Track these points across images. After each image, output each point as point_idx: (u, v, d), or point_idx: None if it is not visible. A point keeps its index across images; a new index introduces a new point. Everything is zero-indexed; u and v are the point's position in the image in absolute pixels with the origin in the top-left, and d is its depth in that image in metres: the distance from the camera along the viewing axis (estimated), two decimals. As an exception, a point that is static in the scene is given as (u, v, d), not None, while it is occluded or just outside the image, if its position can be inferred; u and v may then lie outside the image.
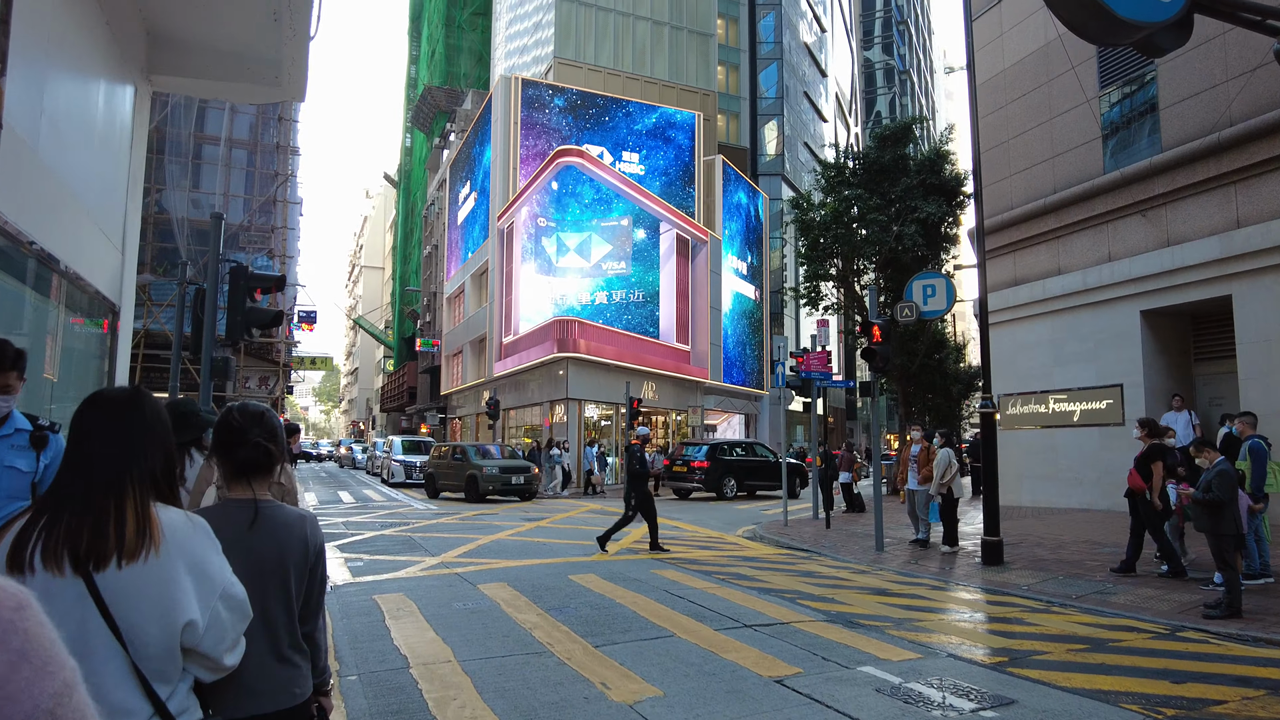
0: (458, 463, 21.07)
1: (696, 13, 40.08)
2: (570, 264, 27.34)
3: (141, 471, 1.49)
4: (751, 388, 38.39)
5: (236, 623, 1.54)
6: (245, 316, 8.05)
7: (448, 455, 21.94)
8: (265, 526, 1.82)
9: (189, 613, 1.42)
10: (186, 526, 1.52)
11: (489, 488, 20.02)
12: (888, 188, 21.53)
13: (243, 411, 1.94)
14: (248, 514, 1.82)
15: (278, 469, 1.98)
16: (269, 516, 1.84)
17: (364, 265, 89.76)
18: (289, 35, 7.30)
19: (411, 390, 53.44)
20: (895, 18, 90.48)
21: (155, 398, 1.63)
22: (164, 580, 1.42)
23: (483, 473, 19.94)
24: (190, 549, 1.48)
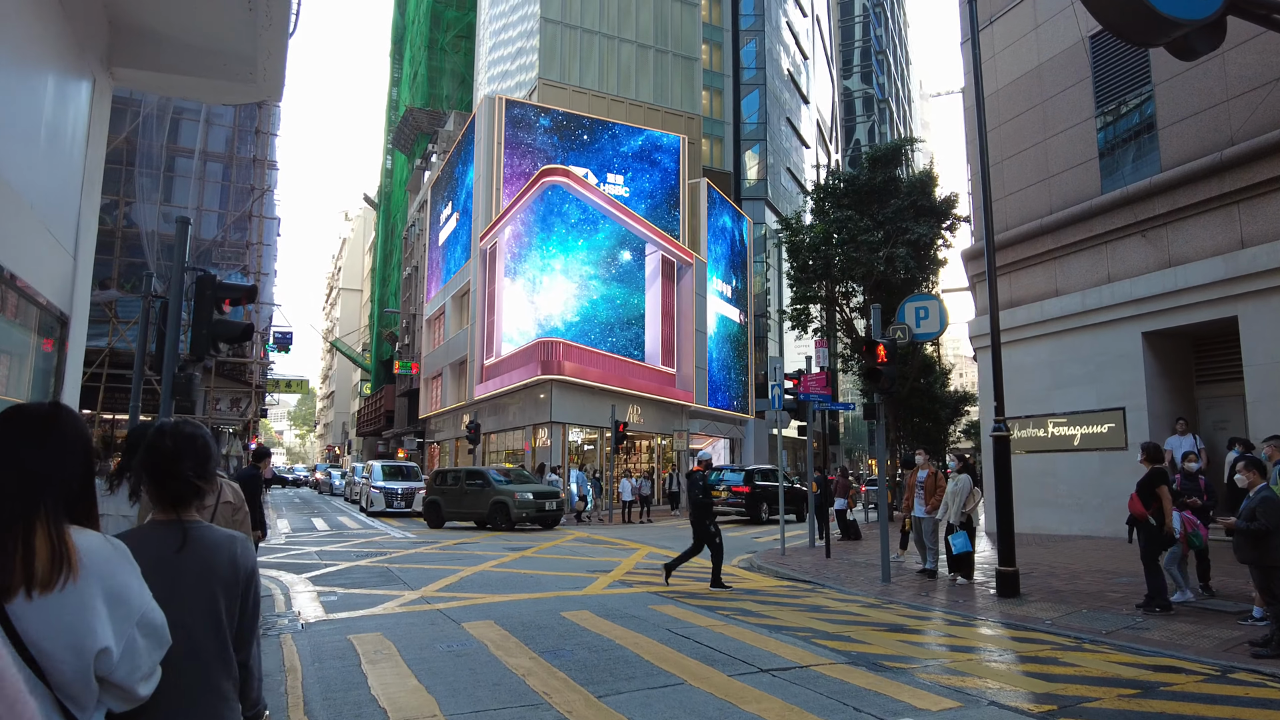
0: (476, 489, 19.76)
1: (681, 37, 40.13)
2: (555, 285, 26.83)
3: (57, 496, 1.44)
4: (737, 411, 37.92)
5: (152, 650, 1.49)
6: (212, 330, 7.43)
7: (458, 480, 20.48)
8: (193, 549, 1.76)
9: (103, 640, 1.38)
10: (105, 550, 1.47)
11: (522, 514, 18.95)
12: (877, 209, 21.31)
13: (175, 436, 1.83)
14: (176, 537, 1.75)
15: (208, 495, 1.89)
16: (197, 539, 1.78)
17: (342, 288, 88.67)
18: (265, 24, 6.75)
19: (389, 414, 52.42)
20: (874, 47, 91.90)
21: (75, 413, 1.58)
22: (79, 608, 1.38)
23: (515, 499, 18.88)
24: (108, 574, 1.44)
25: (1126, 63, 14.72)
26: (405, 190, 58.73)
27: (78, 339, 6.62)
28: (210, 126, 20.74)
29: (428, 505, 20.71)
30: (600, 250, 27.94)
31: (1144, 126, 14.41)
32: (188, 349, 7.47)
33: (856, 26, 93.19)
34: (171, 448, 1.80)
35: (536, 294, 26.90)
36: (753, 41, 48.24)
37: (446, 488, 20.63)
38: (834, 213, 20.95)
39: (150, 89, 8.21)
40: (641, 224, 29.55)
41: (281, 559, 12.78)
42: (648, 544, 15.96)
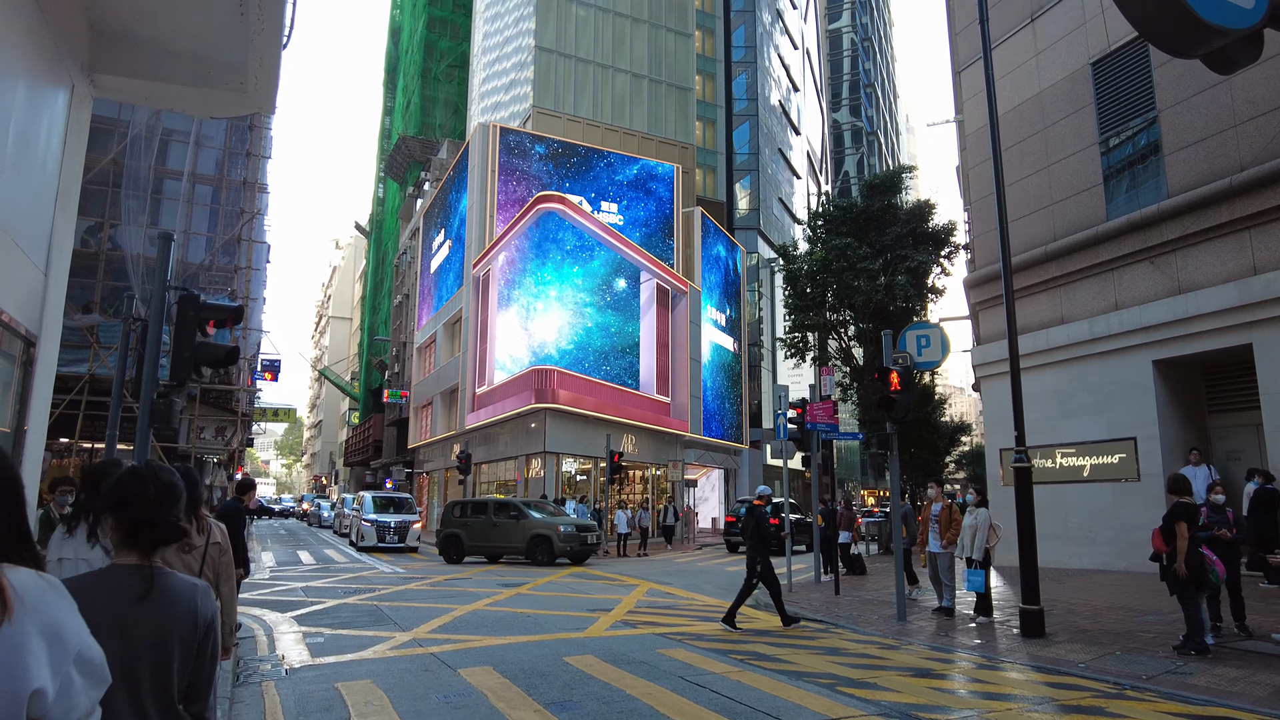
0: (510, 521, 18.83)
1: (675, 67, 40.33)
2: (549, 312, 26.46)
3: None
4: (731, 441, 37.45)
5: (90, 689, 1.41)
6: (194, 353, 6.97)
7: (485, 512, 19.40)
8: (154, 597, 1.69)
9: (38, 679, 1.30)
10: (40, 587, 1.39)
11: (566, 548, 18.22)
12: (875, 237, 21.13)
13: (155, 478, 1.78)
14: (139, 584, 1.69)
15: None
16: (159, 586, 1.71)
17: (332, 316, 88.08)
18: (257, 29, 6.38)
19: (377, 444, 51.64)
20: (863, 81, 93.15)
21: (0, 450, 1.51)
22: (14, 647, 1.29)
23: (558, 533, 18.13)
24: (44, 611, 1.36)
25: (1130, 89, 14.62)
26: (397, 218, 58.54)
27: (47, 361, 6.13)
28: (200, 149, 20.36)
29: (446, 539, 19.50)
30: (596, 277, 27.64)
31: (1149, 152, 14.26)
32: (168, 373, 7.00)
33: (845, 60, 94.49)
34: (153, 495, 1.75)
35: (531, 321, 26.51)
36: (744, 73, 48.60)
37: (471, 520, 19.45)
38: (832, 240, 20.74)
39: (135, 99, 7.74)
40: (637, 251, 29.32)
41: (265, 596, 12.18)
42: (647, 580, 15.41)
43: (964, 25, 19.31)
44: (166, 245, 7.03)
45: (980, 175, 18.32)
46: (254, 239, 21.22)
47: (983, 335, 18.23)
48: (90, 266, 17.73)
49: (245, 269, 20.87)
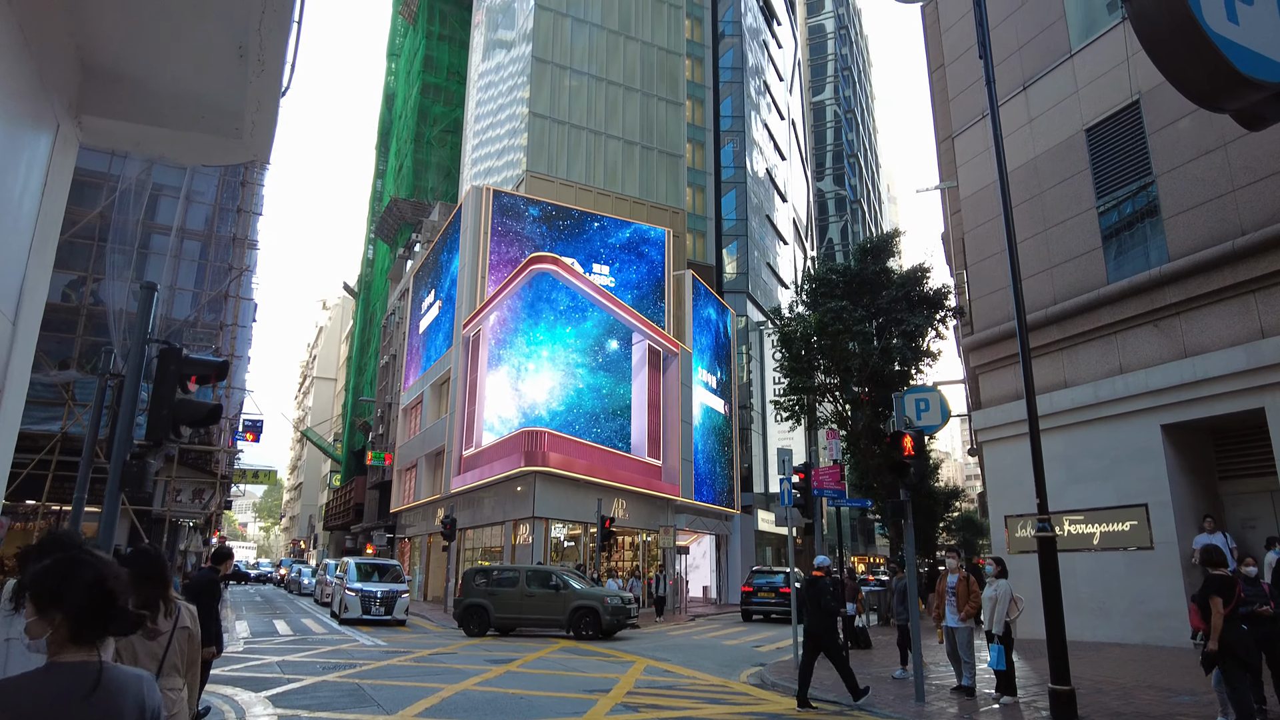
0: (548, 592, 17.82)
1: (666, 135, 41.03)
2: (540, 372, 26.07)
3: None
4: (723, 506, 36.72)
5: None
6: (174, 410, 6.49)
7: (515, 582, 18.21)
8: (100, 693, 1.59)
9: None
10: None
11: (614, 622, 17.39)
12: (869, 300, 21.05)
13: (97, 565, 1.66)
14: (85, 680, 1.59)
15: None
16: (106, 681, 1.61)
17: (317, 376, 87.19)
18: (256, 70, 6.11)
19: (358, 507, 50.38)
20: (846, 151, 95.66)
21: None
22: None
23: (605, 604, 17.26)
24: None
25: (1125, 155, 14.75)
26: (386, 279, 58.49)
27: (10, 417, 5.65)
28: (190, 204, 20.12)
29: (468, 610, 18.13)
30: (588, 338, 27.38)
31: (1148, 216, 14.28)
32: (145, 432, 6.51)
33: (829, 131, 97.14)
34: (114, 586, 1.68)
35: (521, 381, 26.09)
36: (732, 142, 49.57)
37: (499, 590, 18.18)
38: (827, 303, 20.64)
39: (124, 144, 7.41)
40: (629, 313, 29.17)
41: (237, 671, 11.36)
42: (643, 655, 14.63)
43: (958, 91, 19.64)
44: (150, 296, 6.63)
45: (978, 238, 18.34)
46: (241, 295, 20.81)
47: (984, 399, 17.97)
48: (70, 321, 17.24)
49: (231, 326, 20.39)
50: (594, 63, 39.04)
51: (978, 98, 18.75)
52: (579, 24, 39.00)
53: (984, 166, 18.29)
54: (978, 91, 18.79)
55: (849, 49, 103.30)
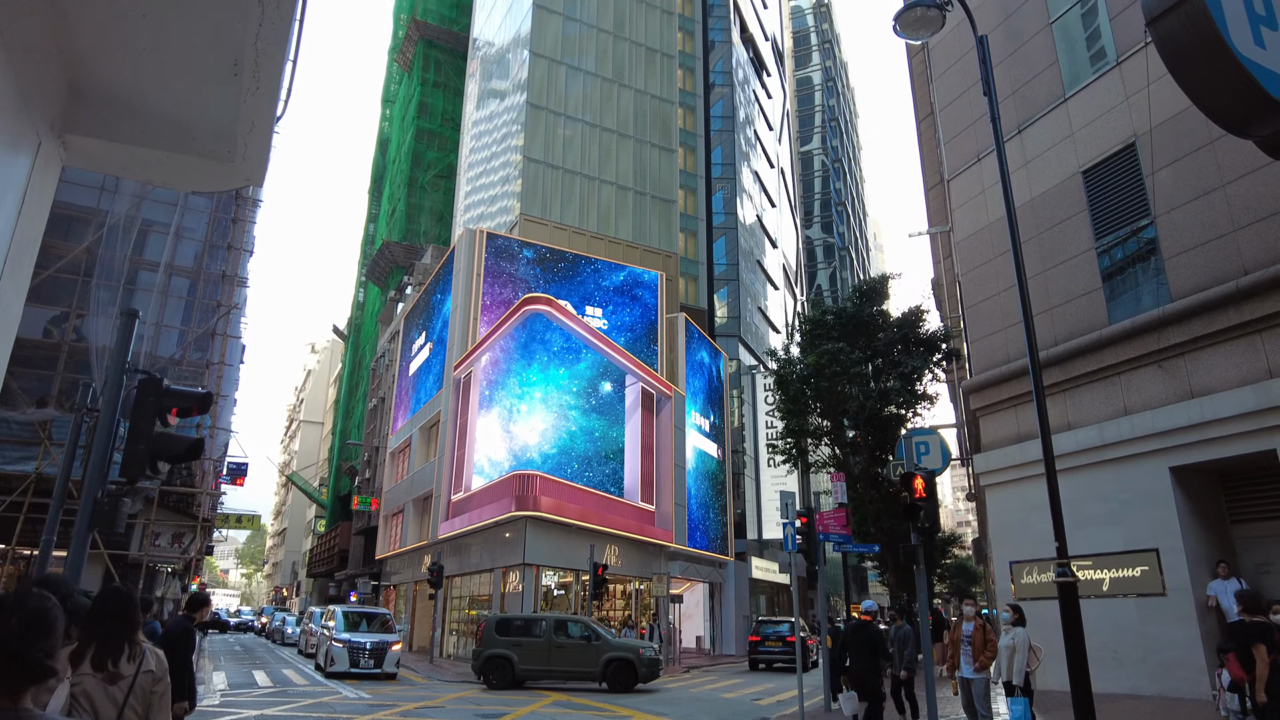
0: (578, 643, 17.21)
1: (659, 180, 41.37)
2: (533, 414, 25.68)
3: None
4: (716, 553, 36.03)
5: None
6: (151, 445, 6.11)
7: (543, 632, 17.54)
8: None
9: None
10: None
11: (649, 674, 16.93)
12: (865, 342, 20.92)
13: (20, 607, 1.58)
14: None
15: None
16: None
17: (303, 420, 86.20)
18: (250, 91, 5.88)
19: (343, 553, 49.26)
20: (834, 199, 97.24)
21: None
22: None
23: (640, 656, 16.81)
24: None
25: (1123, 196, 14.77)
26: (376, 322, 58.24)
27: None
28: (180, 240, 19.83)
29: (489, 662, 17.36)
30: (581, 380, 27.07)
31: (1148, 256, 14.24)
32: (120, 469, 6.12)
33: (816, 180, 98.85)
34: (16, 627, 1.57)
35: (513, 423, 25.66)
36: (723, 189, 50.11)
37: (524, 640, 17.46)
38: (824, 344, 20.49)
39: (109, 167, 7.12)
40: (623, 355, 28.93)
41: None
42: (640, 710, 14.01)
43: (951, 135, 19.77)
44: (130, 323, 6.31)
45: (975, 280, 18.27)
46: (229, 334, 20.43)
47: (985, 442, 17.68)
48: (51, 358, 16.78)
49: (218, 364, 19.93)
50: (588, 110, 39.50)
51: (971, 142, 18.91)
52: (573, 72, 39.56)
53: (979, 209, 18.33)
54: (971, 136, 18.97)
55: (836, 100, 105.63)
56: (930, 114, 54.76)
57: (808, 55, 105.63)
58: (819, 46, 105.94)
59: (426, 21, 58.59)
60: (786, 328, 63.07)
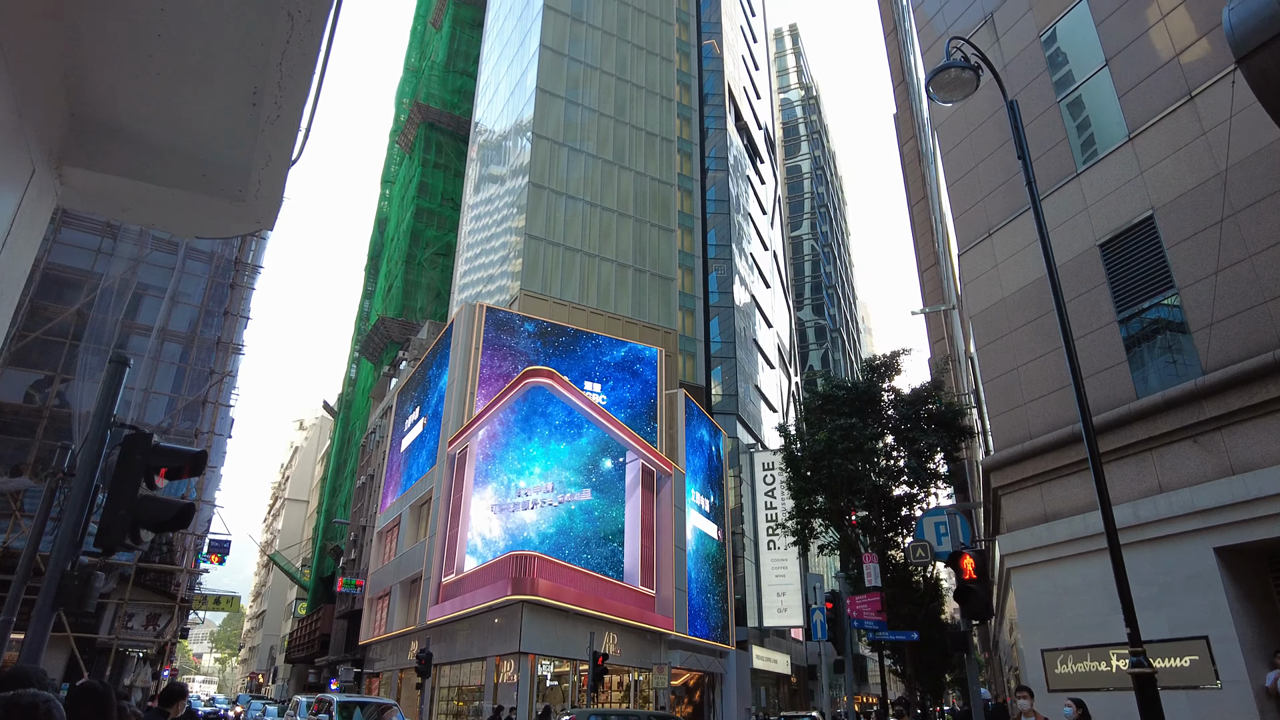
0: None
1: (659, 258, 41.59)
2: (530, 492, 24.75)
3: None
4: (717, 641, 34.41)
5: None
6: (134, 510, 5.40)
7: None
8: None
9: None
10: None
11: None
12: (876, 419, 20.36)
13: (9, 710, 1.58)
14: None
15: None
16: None
17: (288, 498, 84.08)
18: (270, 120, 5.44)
19: (324, 638, 47.01)
20: (825, 282, 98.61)
21: None
22: None
23: None
24: None
25: (1144, 268, 14.56)
26: (368, 397, 57.44)
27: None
28: (175, 305, 19.30)
29: None
30: (582, 456, 26.26)
31: (1175, 328, 13.89)
32: (96, 538, 5.39)
33: (807, 264, 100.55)
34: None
35: (510, 500, 24.69)
36: (718, 270, 50.48)
37: None
38: (835, 420, 19.90)
39: (110, 205, 6.54)
40: (624, 430, 28.22)
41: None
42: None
43: (961, 211, 19.73)
44: (119, 373, 5.69)
45: (991, 355, 17.86)
46: (220, 402, 19.67)
47: (1008, 522, 16.92)
48: (30, 424, 15.94)
49: (208, 434, 19.09)
50: (589, 190, 39.98)
51: (982, 217, 18.85)
52: (575, 154, 40.22)
53: (992, 284, 18.10)
54: (981, 211, 18.93)
55: (825, 188, 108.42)
56: (923, 198, 55.81)
57: (797, 144, 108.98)
58: (808, 136, 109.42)
59: (429, 105, 60.05)
60: (783, 406, 62.60)
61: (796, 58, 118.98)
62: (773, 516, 44.78)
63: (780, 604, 41.96)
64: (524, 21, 45.66)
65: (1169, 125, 14.70)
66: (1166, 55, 15.05)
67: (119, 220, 6.26)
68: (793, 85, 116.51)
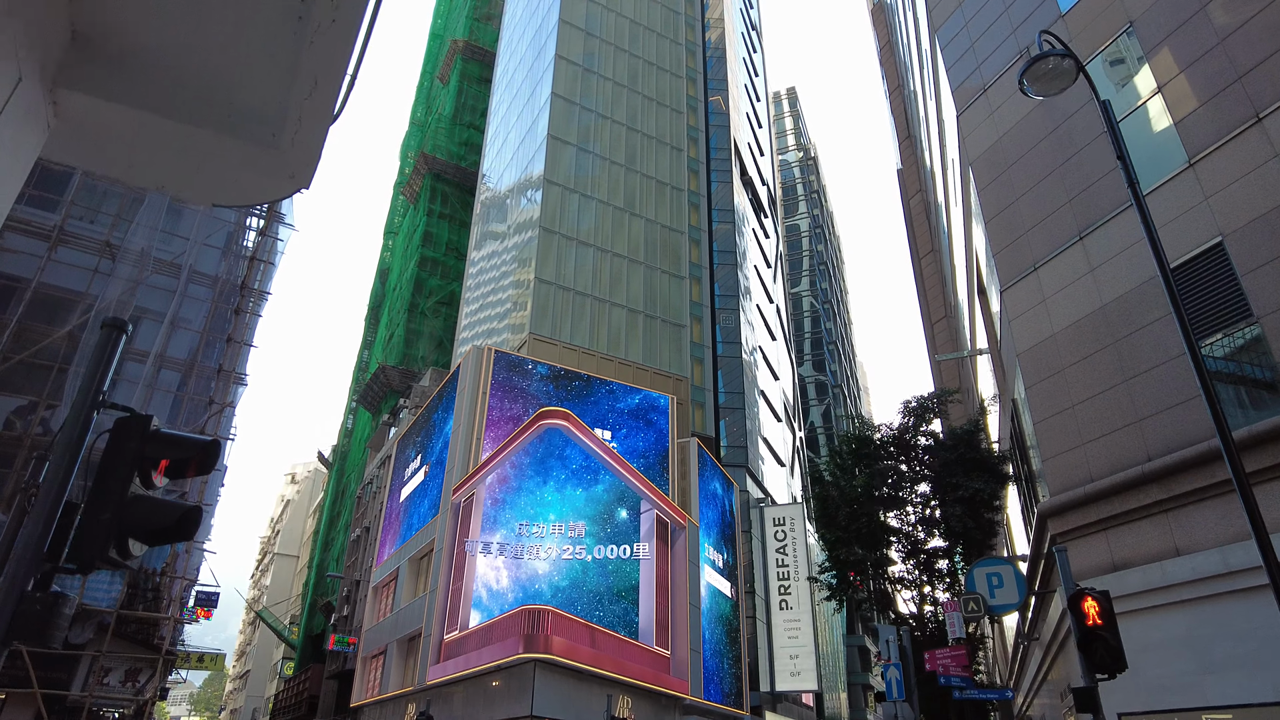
0: None
1: (670, 305, 40.89)
2: (543, 544, 23.30)
3: None
4: (732, 707, 32.39)
5: None
6: (123, 515, 4.24)
7: None
8: None
9: None
10: None
11: None
12: (917, 464, 19.19)
13: None
14: None
15: None
16: None
17: (278, 553, 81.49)
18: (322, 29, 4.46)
19: (313, 700, 44.52)
20: (825, 339, 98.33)
21: None
22: None
23: None
24: None
25: (1216, 296, 13.64)
26: (365, 448, 55.95)
27: None
28: (175, 330, 18.18)
29: None
30: (598, 504, 24.89)
31: (1256, 359, 12.88)
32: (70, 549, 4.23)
33: (806, 320, 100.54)
34: None
35: (524, 549, 23.21)
36: (725, 321, 49.82)
37: None
38: (872, 464, 18.72)
39: (111, 144, 5.31)
40: (640, 480, 26.89)
41: None
42: None
43: (1004, 245, 18.93)
44: (113, 339, 4.59)
45: (1043, 394, 16.81)
46: (220, 435, 18.34)
47: (1072, 572, 15.60)
48: (9, 455, 14.65)
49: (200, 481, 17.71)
50: (599, 236, 39.47)
51: (1026, 252, 18.03)
52: (586, 200, 39.85)
53: (1040, 319, 17.17)
54: (1025, 245, 18.12)
55: (824, 246, 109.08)
56: (931, 250, 55.41)
57: (795, 204, 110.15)
58: (806, 196, 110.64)
59: (435, 156, 60.21)
60: (789, 461, 61.18)
61: (795, 120, 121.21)
62: (784, 574, 43.11)
63: (793, 667, 39.94)
64: (535, 72, 45.90)
65: (1235, 148, 13.98)
66: (1228, 79, 14.41)
67: (124, 179, 5.03)
68: (791, 147, 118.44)
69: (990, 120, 19.97)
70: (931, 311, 50.89)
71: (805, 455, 78.92)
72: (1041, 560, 17.07)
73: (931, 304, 50.43)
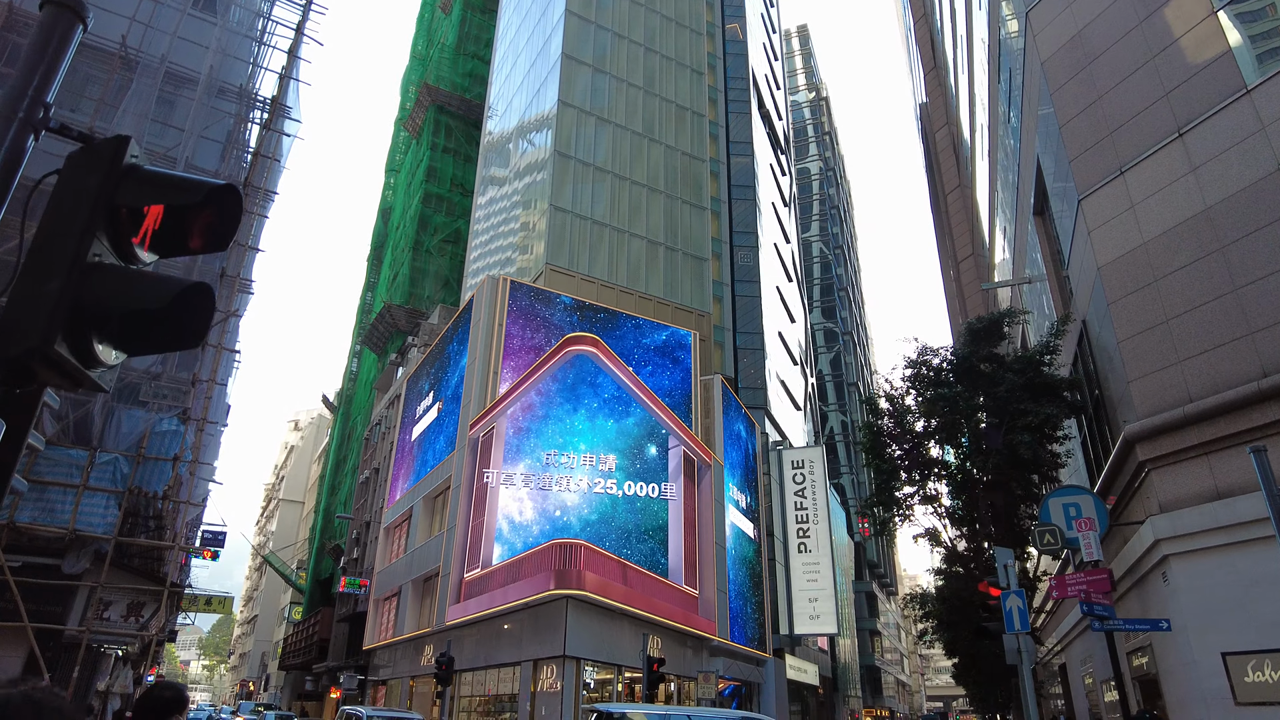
0: None
1: (691, 237, 39.07)
2: (573, 475, 21.98)
3: None
4: (755, 649, 31.63)
5: None
6: (80, 287, 2.66)
7: None
8: None
9: None
10: None
11: None
12: (983, 389, 17.74)
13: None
14: None
15: None
16: None
17: (283, 499, 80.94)
18: None
19: (323, 643, 44.03)
20: (836, 285, 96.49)
21: None
22: None
23: None
24: None
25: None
26: (371, 390, 54.66)
27: None
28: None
29: None
30: (629, 438, 23.54)
31: None
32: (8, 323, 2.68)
33: (816, 266, 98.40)
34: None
35: (554, 479, 21.88)
36: (746, 256, 47.94)
37: None
38: (939, 390, 17.22)
39: None
40: (669, 415, 25.54)
41: None
42: None
43: (1081, 150, 17.12)
44: (64, 20, 2.87)
45: (1128, 309, 15.22)
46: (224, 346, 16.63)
47: (1164, 500, 14.25)
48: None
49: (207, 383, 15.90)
50: (617, 162, 37.42)
51: (1110, 155, 16.28)
52: (602, 124, 37.69)
53: (1128, 227, 15.51)
54: (1109, 147, 16.36)
55: (835, 190, 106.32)
56: (958, 185, 53.02)
57: (806, 146, 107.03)
58: (817, 139, 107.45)
59: (439, 88, 57.58)
60: (804, 405, 59.93)
61: (806, 59, 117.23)
62: (803, 517, 42.18)
63: (812, 610, 39.23)
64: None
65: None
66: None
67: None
68: (801, 87, 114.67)
69: (1069, 12, 17.97)
70: (957, 250, 48.94)
71: (817, 402, 77.67)
72: (1120, 490, 15.74)
73: (958, 241, 48.45)
